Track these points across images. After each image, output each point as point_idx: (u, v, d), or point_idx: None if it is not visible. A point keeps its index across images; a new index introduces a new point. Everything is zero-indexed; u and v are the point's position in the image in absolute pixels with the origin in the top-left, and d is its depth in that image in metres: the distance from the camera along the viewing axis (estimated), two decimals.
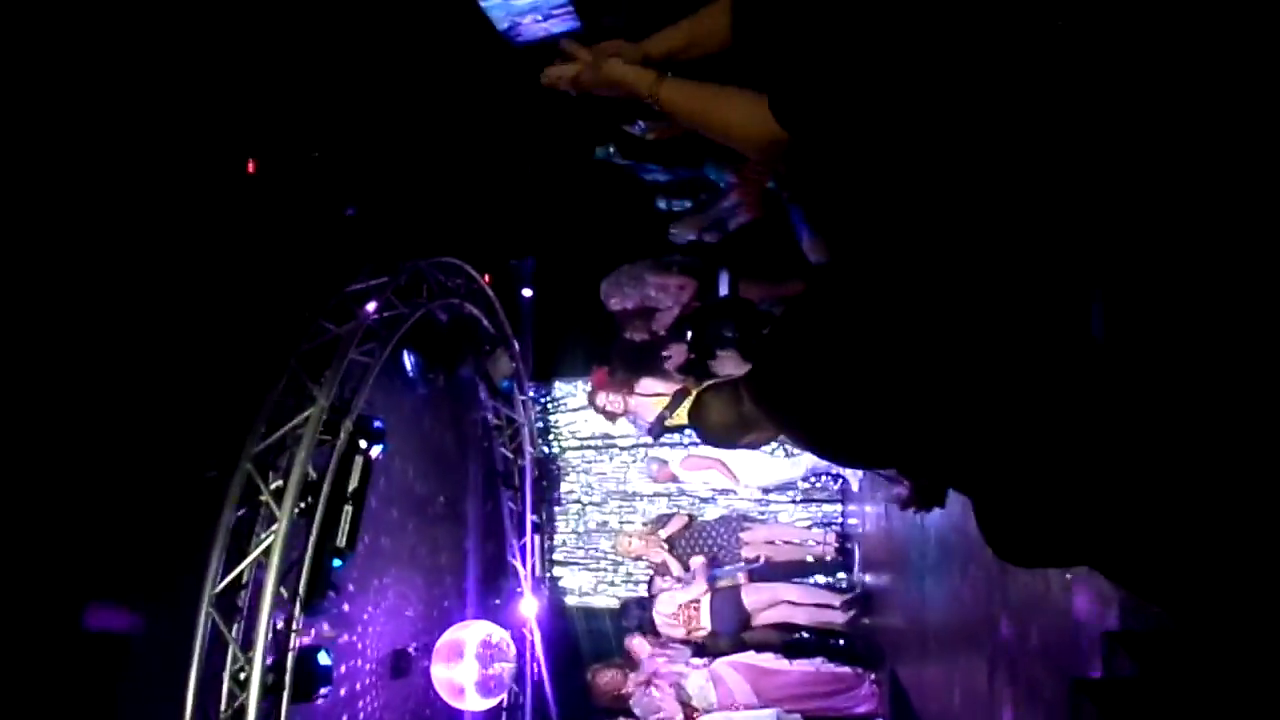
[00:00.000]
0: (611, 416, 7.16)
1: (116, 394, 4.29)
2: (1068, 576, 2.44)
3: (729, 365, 5.97)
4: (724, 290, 6.16)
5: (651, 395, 6.83)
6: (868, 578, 6.96)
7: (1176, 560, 1.25)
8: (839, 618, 7.06)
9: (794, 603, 7.11)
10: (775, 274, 5.92)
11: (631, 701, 6.92)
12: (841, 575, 7.56)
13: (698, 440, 7.09)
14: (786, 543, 7.63)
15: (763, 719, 6.48)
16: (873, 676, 6.52)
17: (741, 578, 7.29)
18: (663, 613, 7.10)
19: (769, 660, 6.78)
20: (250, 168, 5.11)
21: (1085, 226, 1.19)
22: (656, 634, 7.21)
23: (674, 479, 7.79)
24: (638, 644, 7.19)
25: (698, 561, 7.25)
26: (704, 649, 7.19)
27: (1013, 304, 1.25)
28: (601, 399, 7.02)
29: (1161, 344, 1.15)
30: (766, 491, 7.96)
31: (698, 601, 7.02)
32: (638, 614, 7.34)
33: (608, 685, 7.04)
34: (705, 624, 6.99)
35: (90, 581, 4.17)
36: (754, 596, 7.08)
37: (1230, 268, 1.11)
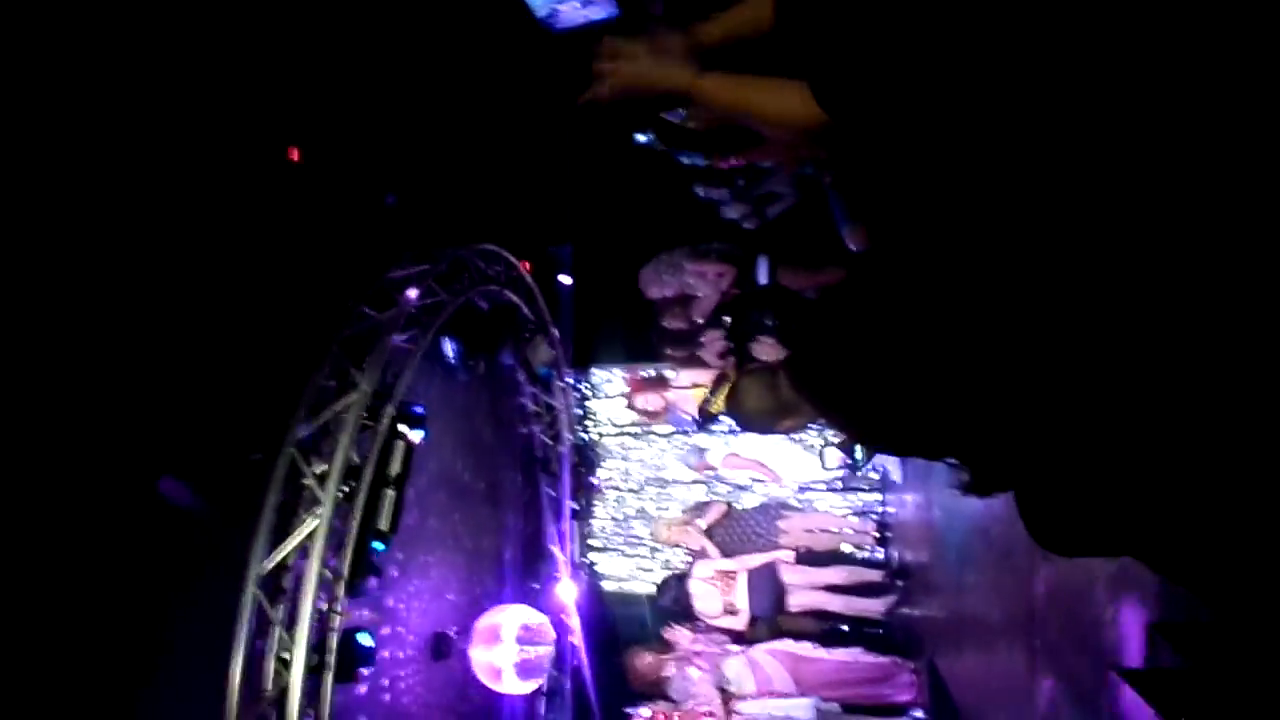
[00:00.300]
0: (652, 416, 7.23)
1: (163, 380, 4.38)
2: (1111, 566, 2.41)
3: (768, 352, 5.95)
4: (763, 277, 6.13)
5: (690, 386, 6.85)
6: (907, 567, 6.92)
7: (1218, 551, 1.24)
8: (877, 606, 7.03)
9: (832, 587, 7.10)
10: (814, 261, 5.88)
11: (668, 686, 6.95)
12: (880, 563, 7.52)
13: (738, 429, 7.10)
14: (825, 531, 7.61)
15: (800, 707, 6.48)
16: (911, 666, 6.49)
17: (782, 555, 7.28)
18: (699, 577, 7.10)
19: (807, 649, 6.78)
20: (293, 156, 5.18)
21: (1138, 213, 1.17)
22: (693, 615, 7.22)
23: (712, 472, 7.81)
24: (677, 631, 7.22)
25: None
26: (742, 637, 7.20)
27: (1056, 292, 1.24)
28: (640, 401, 7.10)
29: (1202, 334, 1.14)
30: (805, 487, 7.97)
31: (734, 573, 7.04)
32: (674, 591, 7.36)
33: (645, 668, 7.08)
34: (742, 602, 6.99)
35: (137, 562, 4.27)
36: (792, 576, 7.08)
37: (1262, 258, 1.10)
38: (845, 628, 7.16)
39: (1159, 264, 1.16)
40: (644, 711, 6.96)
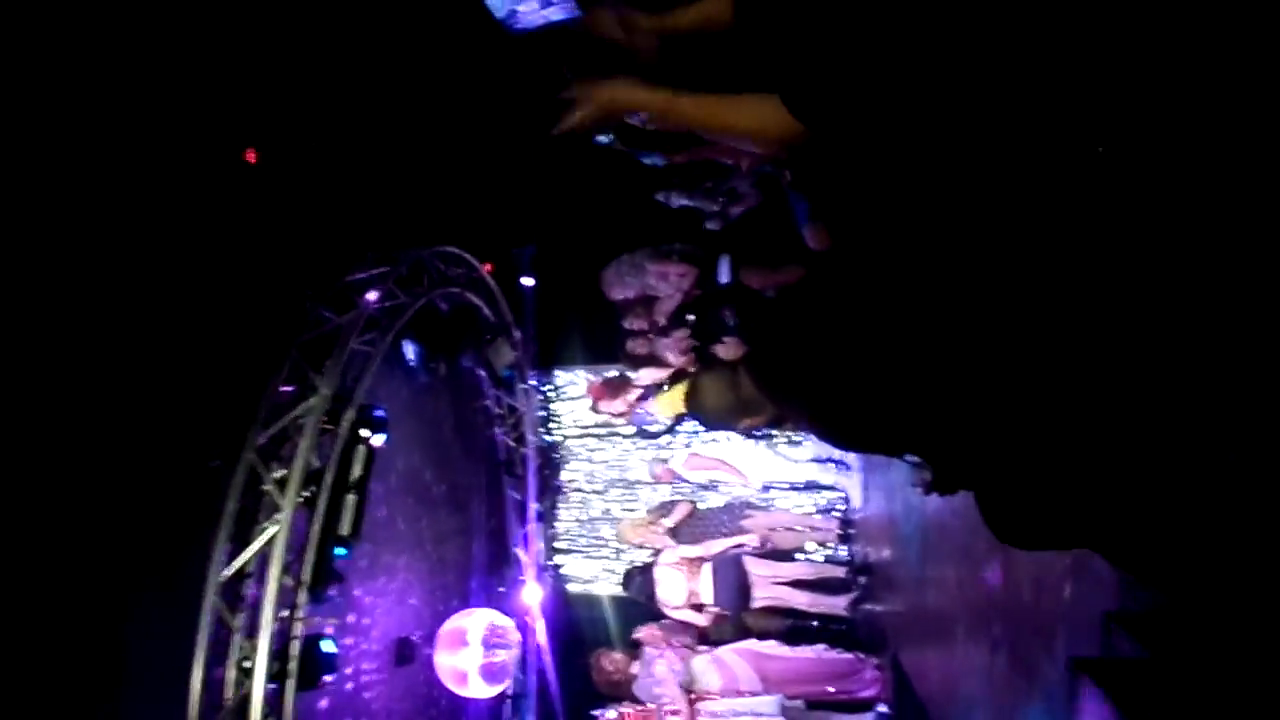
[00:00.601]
0: (617, 417, 7.24)
1: (118, 386, 4.30)
2: (1067, 559, 2.45)
3: (731, 350, 5.99)
4: (725, 277, 6.15)
5: (653, 385, 6.85)
6: (869, 563, 6.98)
7: (1174, 543, 1.26)
8: (840, 603, 7.09)
9: (796, 583, 7.15)
10: (775, 260, 5.91)
11: (634, 686, 6.95)
12: (844, 561, 7.58)
13: (701, 430, 7.10)
14: (789, 529, 7.66)
15: (766, 704, 6.51)
16: (875, 661, 6.55)
17: (746, 539, 7.33)
18: (665, 563, 7.11)
19: (772, 646, 6.81)
20: (250, 158, 5.11)
21: (1088, 222, 1.19)
22: (658, 607, 7.24)
23: (676, 477, 7.82)
24: (646, 633, 7.22)
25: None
26: (707, 636, 7.22)
27: (1015, 289, 1.26)
28: (603, 407, 7.11)
29: (1151, 331, 1.16)
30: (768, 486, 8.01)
31: (700, 561, 7.06)
32: (640, 580, 7.36)
33: (611, 669, 7.07)
34: (706, 593, 7.02)
35: (95, 571, 4.19)
36: (757, 568, 7.13)
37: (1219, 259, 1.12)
38: (809, 624, 7.21)
39: (1108, 262, 1.18)
40: (610, 714, 6.95)
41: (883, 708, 6.35)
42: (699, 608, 7.11)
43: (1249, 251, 1.11)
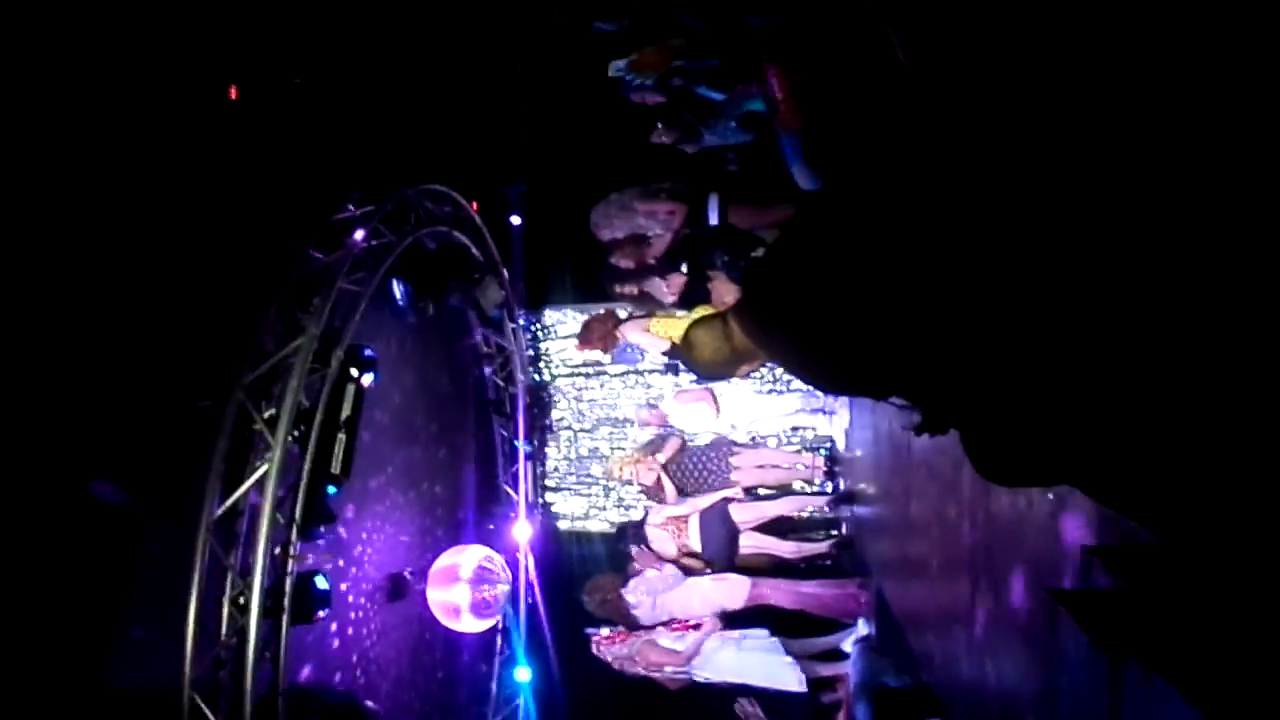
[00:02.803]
0: (605, 352, 7.27)
1: (107, 327, 4.28)
2: (1049, 495, 2.49)
3: (721, 287, 5.98)
4: (714, 216, 6.11)
5: (644, 316, 6.83)
6: (853, 493, 7.08)
7: (1154, 475, 1.29)
8: (823, 547, 7.25)
9: (780, 527, 7.27)
10: (764, 199, 5.88)
11: (627, 610, 7.04)
12: (828, 493, 7.69)
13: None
14: (775, 467, 7.74)
15: (759, 636, 6.63)
16: (859, 581, 6.66)
17: (730, 493, 7.42)
18: (653, 524, 7.23)
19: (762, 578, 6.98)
20: (232, 94, 5.02)
21: (1078, 159, 1.20)
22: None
23: (665, 420, 7.86)
24: (638, 551, 7.36)
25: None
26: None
27: (1002, 230, 1.27)
28: (587, 351, 7.15)
29: (1132, 272, 1.17)
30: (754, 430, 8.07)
31: (686, 518, 7.16)
32: (634, 536, 7.47)
33: (605, 591, 7.18)
34: (695, 542, 7.11)
35: (87, 513, 4.22)
36: (742, 513, 7.22)
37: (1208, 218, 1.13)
38: (799, 565, 7.33)
39: (1094, 199, 1.19)
40: (603, 630, 7.09)
41: (864, 627, 6.44)
42: (692, 556, 7.23)
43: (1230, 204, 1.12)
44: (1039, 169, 1.24)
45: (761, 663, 6.51)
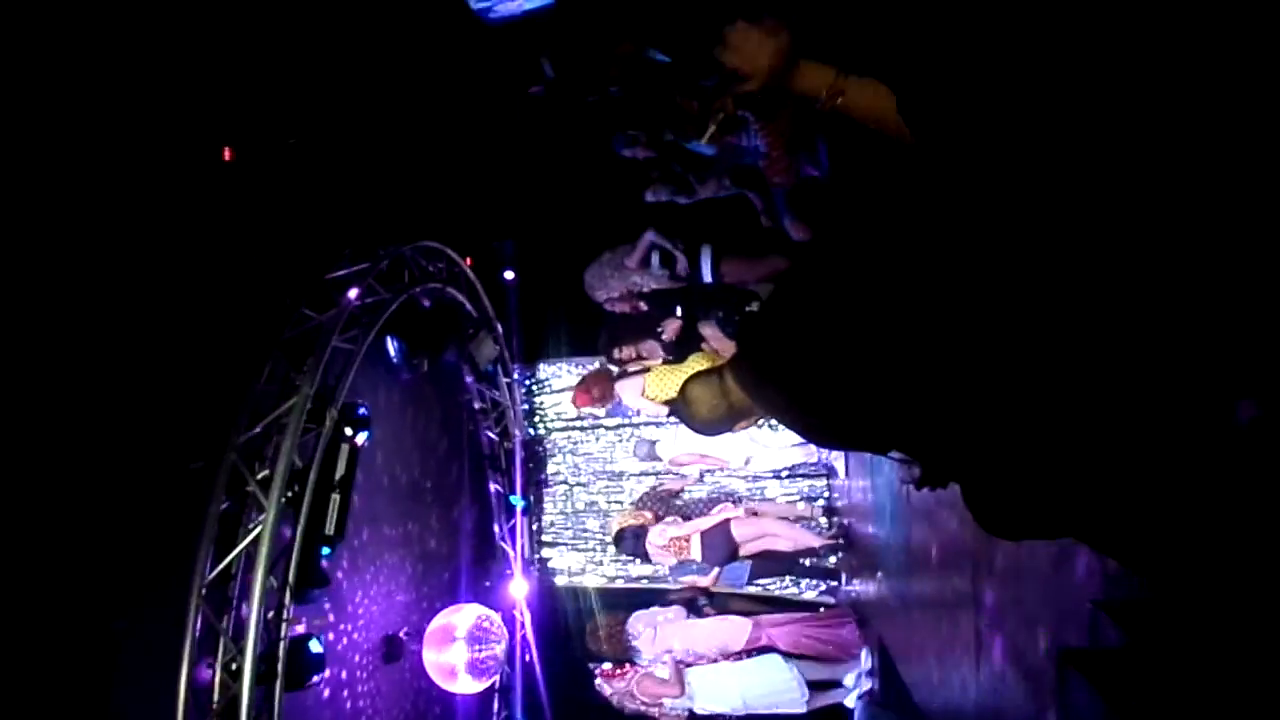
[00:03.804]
0: (601, 407, 7.34)
1: (99, 388, 4.25)
2: (1053, 549, 2.47)
3: (715, 339, 6.02)
4: (706, 270, 6.15)
5: (639, 371, 6.86)
6: (853, 550, 7.03)
7: (1160, 531, 1.27)
8: (818, 541, 7.34)
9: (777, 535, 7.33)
10: (757, 251, 5.92)
11: (629, 646, 7.06)
12: (831, 557, 7.63)
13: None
14: (776, 536, 7.74)
15: (767, 663, 6.60)
16: (854, 618, 6.67)
17: (731, 510, 7.44)
18: (655, 544, 7.24)
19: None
20: (226, 156, 5.06)
21: (1070, 215, 1.20)
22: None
23: (658, 460, 7.88)
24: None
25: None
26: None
27: (1000, 284, 1.26)
28: (585, 409, 7.24)
29: (1143, 326, 1.17)
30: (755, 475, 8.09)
31: (688, 537, 7.18)
32: (633, 543, 7.45)
33: (607, 634, 7.19)
34: (696, 557, 7.15)
35: (78, 576, 4.15)
36: (742, 529, 7.22)
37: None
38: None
39: (1089, 257, 1.18)
40: (606, 665, 7.10)
41: (867, 660, 6.39)
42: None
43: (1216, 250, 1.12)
44: (1027, 228, 1.24)
45: (762, 682, 6.50)
